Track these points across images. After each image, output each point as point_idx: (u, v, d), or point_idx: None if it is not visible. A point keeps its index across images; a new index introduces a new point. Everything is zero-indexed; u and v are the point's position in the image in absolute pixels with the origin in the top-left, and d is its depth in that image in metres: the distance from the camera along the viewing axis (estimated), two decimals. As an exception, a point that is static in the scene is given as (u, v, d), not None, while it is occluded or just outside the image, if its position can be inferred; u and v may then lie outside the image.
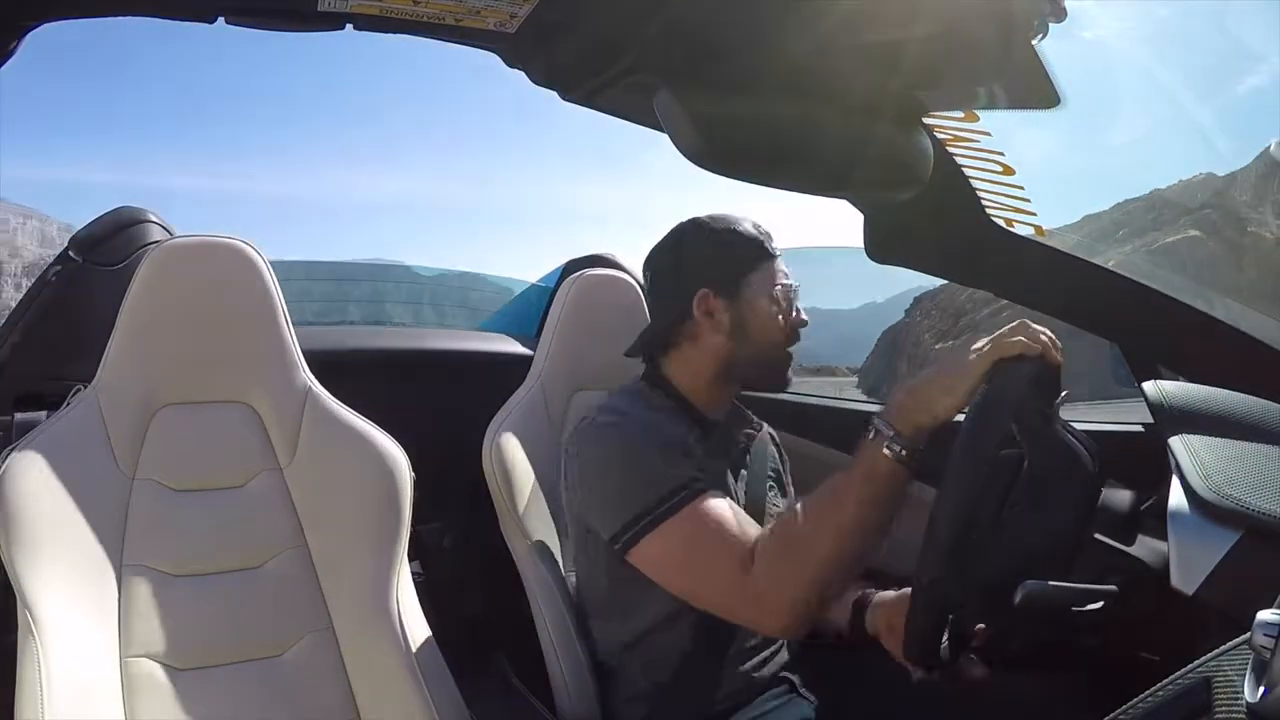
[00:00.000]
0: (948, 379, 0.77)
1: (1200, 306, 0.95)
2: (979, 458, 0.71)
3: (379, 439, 1.05)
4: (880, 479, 0.79)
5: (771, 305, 0.99)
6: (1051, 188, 1.01)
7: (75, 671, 0.83)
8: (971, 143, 0.93)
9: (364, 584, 1.00)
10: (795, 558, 0.81)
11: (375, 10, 0.65)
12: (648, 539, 0.87)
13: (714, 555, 0.85)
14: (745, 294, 0.99)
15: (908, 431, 0.78)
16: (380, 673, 0.98)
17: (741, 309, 0.99)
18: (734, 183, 0.80)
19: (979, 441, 0.71)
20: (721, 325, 0.99)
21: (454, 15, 0.66)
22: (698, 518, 0.86)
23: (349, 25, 0.67)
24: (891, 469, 0.78)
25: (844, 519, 0.80)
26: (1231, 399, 0.78)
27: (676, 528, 0.86)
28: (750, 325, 0.99)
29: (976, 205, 1.01)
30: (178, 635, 0.93)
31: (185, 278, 1.01)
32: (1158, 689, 0.50)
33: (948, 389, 0.77)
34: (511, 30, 0.69)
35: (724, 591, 0.85)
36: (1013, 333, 0.75)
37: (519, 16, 0.66)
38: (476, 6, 0.65)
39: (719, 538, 0.85)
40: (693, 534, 0.86)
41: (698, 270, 1.00)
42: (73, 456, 0.92)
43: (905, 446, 0.78)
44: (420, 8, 0.65)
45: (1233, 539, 0.66)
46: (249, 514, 1.01)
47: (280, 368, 1.06)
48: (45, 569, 0.85)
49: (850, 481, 0.81)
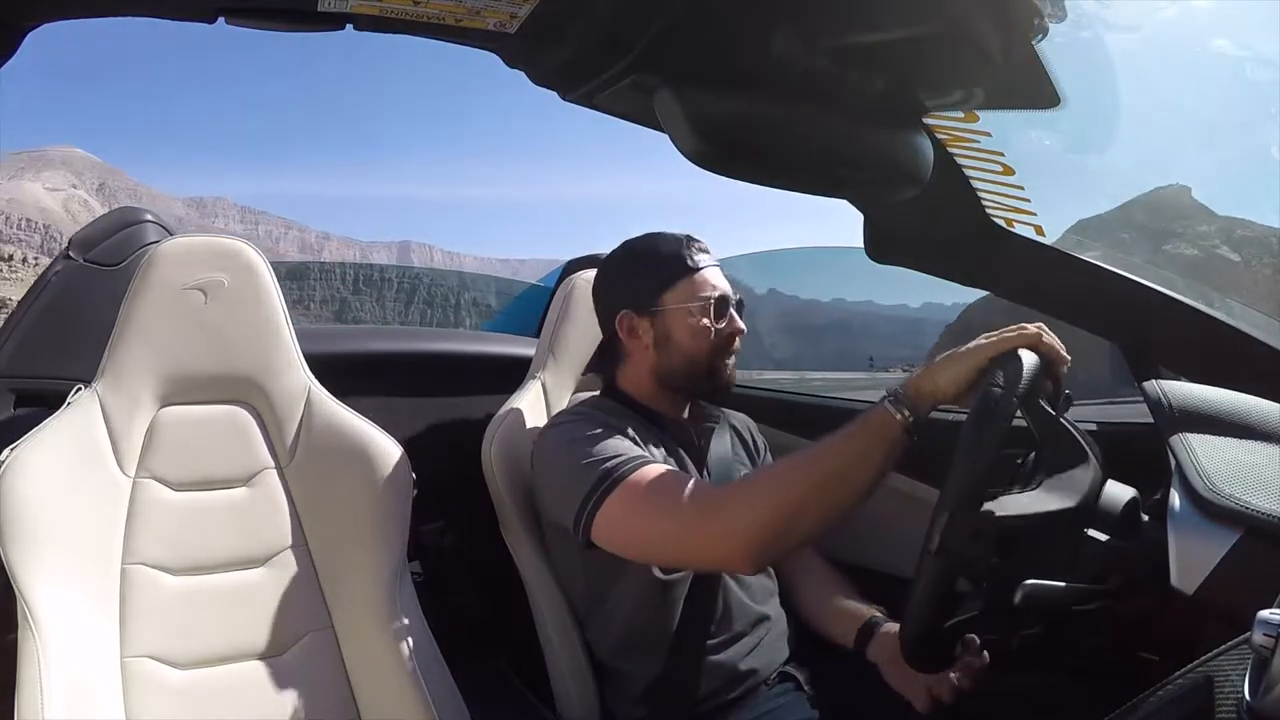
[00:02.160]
0: (954, 358, 0.81)
1: (1200, 306, 0.95)
2: (985, 441, 0.73)
3: (379, 439, 1.05)
4: (872, 428, 0.81)
5: (691, 319, 1.02)
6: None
7: (75, 671, 0.83)
8: (971, 143, 0.93)
9: (364, 584, 1.00)
10: (762, 488, 0.84)
11: (375, 10, 0.65)
12: (601, 512, 0.90)
13: (663, 504, 0.87)
14: (664, 310, 1.03)
15: (909, 393, 0.81)
16: (380, 673, 0.98)
17: (662, 325, 1.04)
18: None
19: (985, 426, 0.73)
20: (645, 342, 1.04)
21: (454, 15, 0.66)
22: (644, 479, 0.89)
23: (349, 25, 0.67)
24: (884, 419, 0.81)
25: (825, 460, 0.82)
26: (1231, 399, 0.78)
27: (624, 494, 0.89)
28: (672, 339, 1.03)
29: (976, 205, 1.01)
30: (178, 635, 0.93)
31: (185, 278, 1.01)
32: (1158, 689, 0.50)
33: (952, 365, 0.80)
34: (511, 30, 0.68)
35: (675, 529, 0.87)
36: (1018, 328, 0.79)
37: (519, 16, 0.66)
38: (476, 6, 0.65)
39: (668, 487, 0.88)
40: (641, 492, 0.88)
41: (618, 292, 1.07)
42: (73, 456, 0.92)
43: (904, 404, 0.81)
44: (420, 8, 0.65)
45: (1233, 539, 0.66)
46: (249, 514, 1.01)
47: (280, 367, 1.06)
48: (45, 568, 0.85)
49: (847, 429, 0.83)
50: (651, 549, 0.91)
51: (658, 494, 0.88)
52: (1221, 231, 14.48)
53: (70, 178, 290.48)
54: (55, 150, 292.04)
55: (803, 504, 0.81)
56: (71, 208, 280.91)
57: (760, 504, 0.82)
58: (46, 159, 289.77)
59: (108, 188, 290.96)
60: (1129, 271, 0.99)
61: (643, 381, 1.07)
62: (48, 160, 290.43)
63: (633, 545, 0.91)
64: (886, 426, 0.81)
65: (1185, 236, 14.60)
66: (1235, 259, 13.97)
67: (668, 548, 0.90)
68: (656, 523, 0.88)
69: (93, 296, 1.06)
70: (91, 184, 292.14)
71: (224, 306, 1.03)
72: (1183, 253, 13.85)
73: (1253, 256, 14.13)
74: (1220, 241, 14.36)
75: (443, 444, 1.34)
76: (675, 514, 0.86)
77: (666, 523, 0.87)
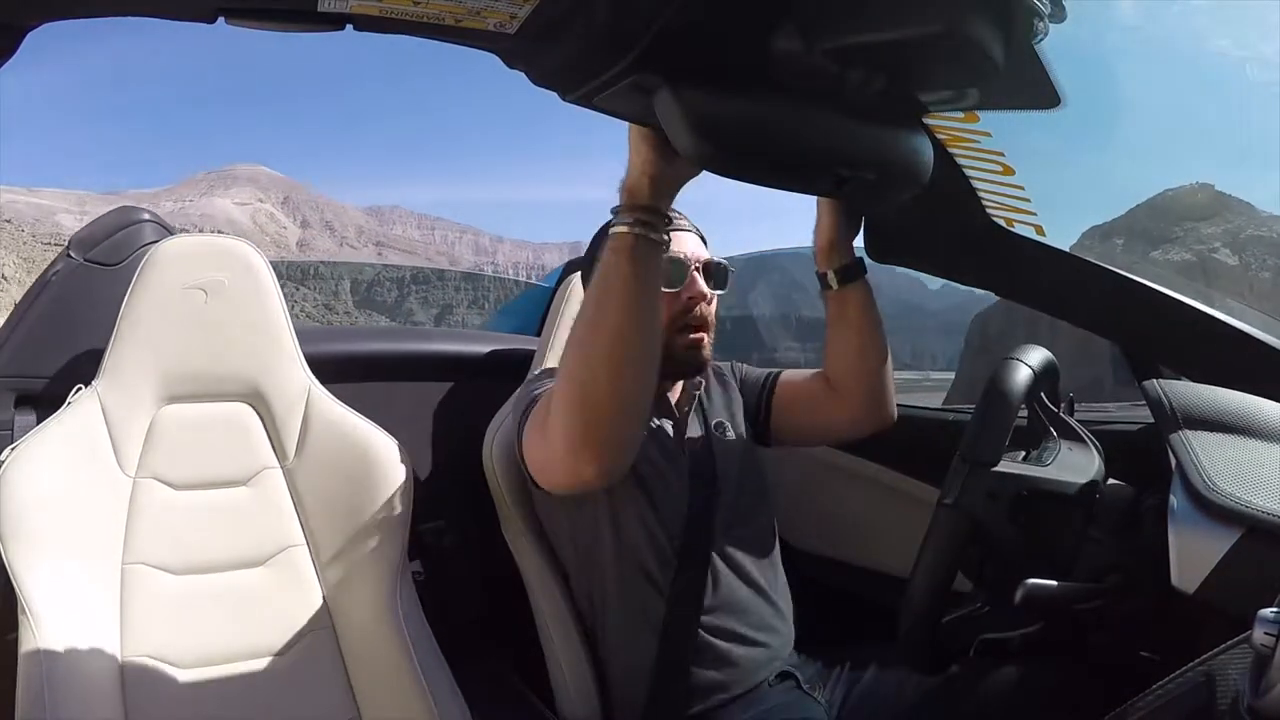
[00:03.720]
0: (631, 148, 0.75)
1: (1200, 306, 0.95)
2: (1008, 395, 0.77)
3: (380, 438, 1.05)
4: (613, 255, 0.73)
5: None
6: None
7: (76, 670, 0.83)
8: (971, 143, 0.93)
9: (364, 583, 1.01)
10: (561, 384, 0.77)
11: (375, 10, 0.65)
12: (523, 440, 0.90)
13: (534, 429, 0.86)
14: None
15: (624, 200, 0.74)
16: (380, 672, 0.98)
17: None
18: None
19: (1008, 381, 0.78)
20: None
21: (454, 16, 0.66)
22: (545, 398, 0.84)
23: (349, 25, 0.67)
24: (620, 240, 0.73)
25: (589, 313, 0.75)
26: (1231, 399, 0.78)
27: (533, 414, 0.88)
28: None
29: (976, 205, 1.01)
30: (178, 634, 0.93)
31: (185, 277, 1.01)
32: (1158, 689, 0.50)
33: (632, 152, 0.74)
34: (511, 30, 0.68)
35: (539, 451, 0.85)
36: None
37: (519, 17, 0.66)
38: (476, 7, 0.65)
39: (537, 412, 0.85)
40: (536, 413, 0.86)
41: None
42: (73, 456, 0.92)
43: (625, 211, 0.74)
44: (420, 8, 0.65)
45: (1233, 538, 0.66)
46: (250, 513, 1.01)
47: (281, 367, 1.06)
48: (46, 568, 0.85)
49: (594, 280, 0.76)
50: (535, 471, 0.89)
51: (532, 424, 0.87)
52: (1227, 234, 14.39)
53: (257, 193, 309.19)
54: (243, 168, 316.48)
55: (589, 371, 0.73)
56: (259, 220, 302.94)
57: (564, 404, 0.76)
58: (234, 176, 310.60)
59: (291, 200, 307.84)
60: (1129, 271, 0.99)
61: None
62: (235, 177, 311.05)
63: (532, 470, 0.90)
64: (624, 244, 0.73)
65: (1183, 241, 14.52)
66: (1233, 262, 13.89)
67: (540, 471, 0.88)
68: (534, 452, 0.88)
69: (93, 296, 1.06)
70: (276, 198, 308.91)
71: (224, 306, 1.03)
72: (1171, 258, 13.78)
73: (1253, 259, 14.06)
74: (1221, 244, 14.28)
75: (443, 444, 1.34)
76: (540, 444, 0.85)
77: (536, 453, 0.88)
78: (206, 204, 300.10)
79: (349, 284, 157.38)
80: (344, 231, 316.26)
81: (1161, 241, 14.43)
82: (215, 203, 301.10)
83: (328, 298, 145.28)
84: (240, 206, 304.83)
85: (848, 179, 0.76)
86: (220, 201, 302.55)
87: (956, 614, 0.79)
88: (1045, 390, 0.88)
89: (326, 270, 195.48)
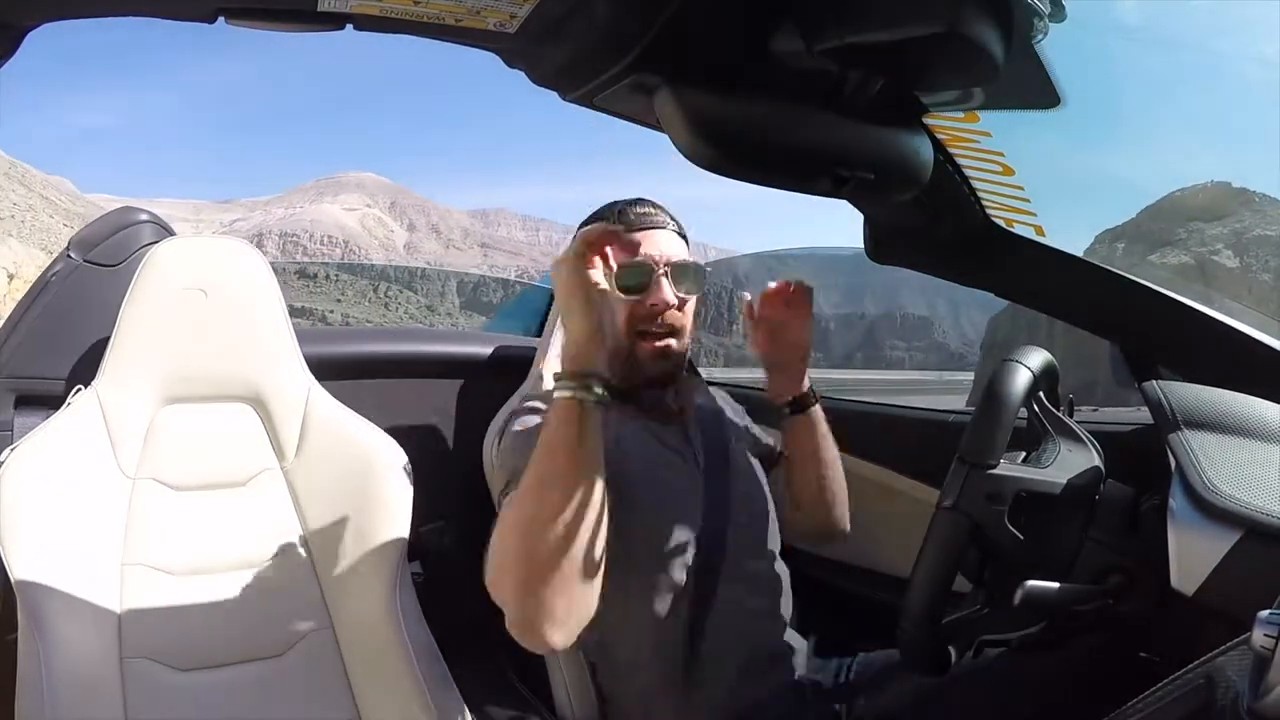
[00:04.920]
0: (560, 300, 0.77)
1: (1200, 307, 0.95)
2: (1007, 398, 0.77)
3: (379, 439, 1.05)
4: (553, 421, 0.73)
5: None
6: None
7: (75, 671, 0.83)
8: (971, 143, 0.93)
9: (364, 584, 1.00)
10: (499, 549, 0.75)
11: (375, 10, 0.65)
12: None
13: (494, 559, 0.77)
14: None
15: (565, 366, 0.76)
16: (380, 673, 0.98)
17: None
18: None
19: (1007, 384, 0.77)
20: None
21: (454, 15, 0.66)
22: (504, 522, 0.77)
23: (349, 25, 0.67)
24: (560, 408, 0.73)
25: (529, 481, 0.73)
26: (1231, 399, 0.78)
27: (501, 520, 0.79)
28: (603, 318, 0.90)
29: (976, 205, 1.01)
30: (178, 635, 0.93)
31: (185, 277, 1.01)
32: (1158, 689, 0.50)
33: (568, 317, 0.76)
34: (511, 30, 0.68)
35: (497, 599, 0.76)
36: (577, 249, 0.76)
37: (519, 16, 0.66)
38: (476, 6, 0.65)
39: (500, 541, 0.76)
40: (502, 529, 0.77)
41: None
42: (73, 456, 0.92)
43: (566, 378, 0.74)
44: (420, 8, 0.65)
45: (1233, 539, 0.66)
46: (249, 514, 1.01)
47: (281, 367, 1.06)
48: (45, 569, 0.85)
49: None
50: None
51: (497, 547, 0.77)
52: (1233, 234, 14.30)
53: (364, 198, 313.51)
54: (350, 175, 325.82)
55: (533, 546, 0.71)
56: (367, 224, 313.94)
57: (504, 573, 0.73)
58: (342, 183, 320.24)
59: (398, 205, 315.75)
60: (1129, 272, 0.99)
61: (611, 363, 0.93)
62: (343, 184, 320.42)
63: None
64: (564, 410, 0.73)
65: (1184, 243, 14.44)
66: (1233, 265, 13.81)
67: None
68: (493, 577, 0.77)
69: (93, 297, 1.06)
70: (384, 203, 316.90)
71: (224, 306, 1.03)
72: (1168, 261, 13.71)
73: (1255, 260, 13.99)
74: (1224, 245, 14.21)
75: (443, 444, 1.34)
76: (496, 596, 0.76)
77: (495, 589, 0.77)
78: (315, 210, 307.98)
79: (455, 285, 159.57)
80: (450, 234, 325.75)
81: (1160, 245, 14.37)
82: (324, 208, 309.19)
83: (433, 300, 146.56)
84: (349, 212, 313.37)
85: (847, 179, 0.76)
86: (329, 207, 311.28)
87: (956, 615, 0.79)
88: (1045, 391, 0.88)
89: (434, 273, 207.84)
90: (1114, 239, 14.25)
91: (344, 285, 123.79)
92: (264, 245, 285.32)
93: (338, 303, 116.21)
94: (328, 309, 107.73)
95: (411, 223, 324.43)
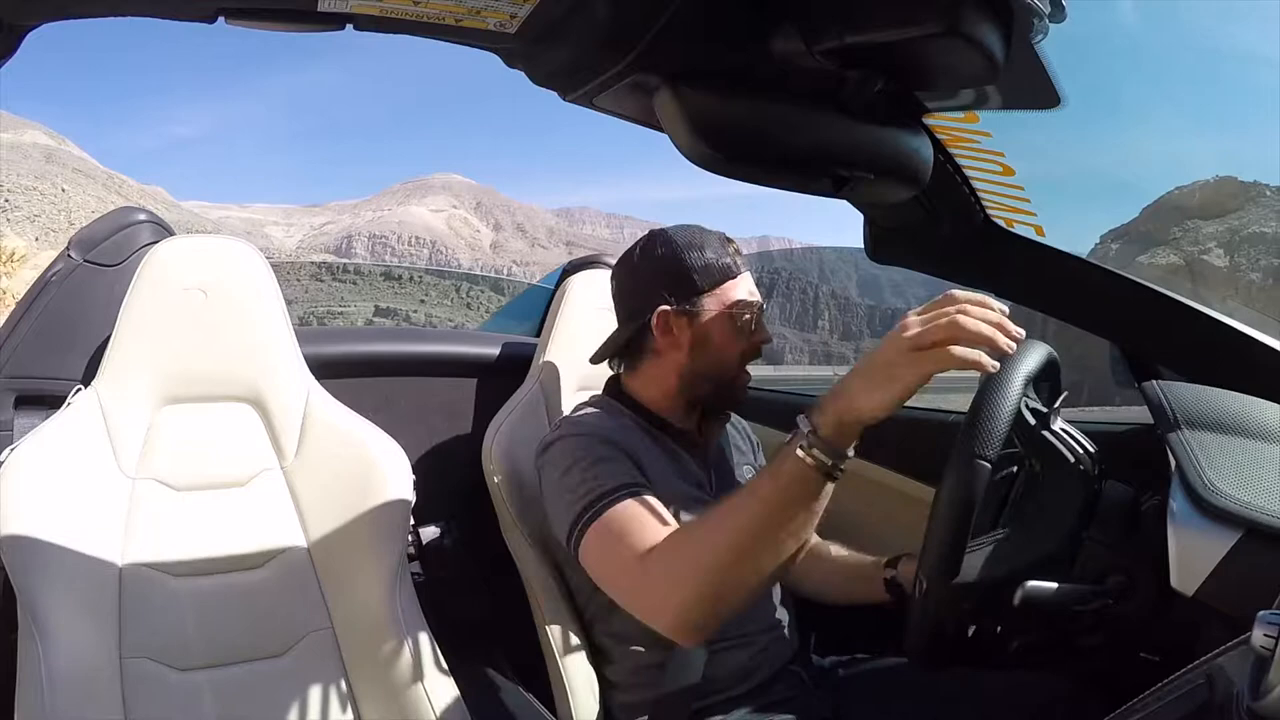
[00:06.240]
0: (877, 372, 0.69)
1: (1200, 307, 0.95)
2: (978, 460, 0.70)
3: (379, 439, 1.05)
4: (787, 480, 0.73)
5: (729, 323, 0.98)
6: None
7: (75, 671, 0.83)
8: (971, 143, 0.93)
9: (364, 584, 1.00)
10: (687, 555, 0.78)
11: (375, 10, 0.65)
12: (584, 543, 0.88)
13: (623, 554, 0.84)
14: (704, 312, 0.98)
15: (827, 431, 0.71)
16: (380, 673, 0.98)
17: (699, 327, 0.98)
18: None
19: (977, 445, 0.70)
20: (679, 342, 0.99)
21: (454, 15, 0.66)
22: (621, 519, 0.86)
23: (349, 25, 0.67)
24: (800, 471, 0.72)
25: (744, 520, 0.75)
26: (1231, 399, 0.78)
27: (602, 529, 0.86)
28: (707, 343, 0.98)
29: (976, 205, 1.01)
30: (178, 636, 0.93)
31: (185, 277, 1.01)
32: (1158, 689, 0.50)
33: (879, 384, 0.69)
34: (511, 30, 0.68)
35: (626, 589, 0.85)
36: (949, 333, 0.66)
37: (519, 17, 0.66)
38: (476, 6, 0.65)
39: (631, 536, 0.84)
40: (613, 535, 0.85)
41: (658, 286, 0.99)
42: (73, 456, 0.92)
43: (821, 448, 0.71)
44: (420, 8, 0.65)
45: (1233, 539, 0.66)
46: (249, 514, 1.01)
47: (281, 367, 1.06)
48: (45, 569, 0.85)
49: (759, 480, 0.77)
50: (612, 594, 0.90)
51: (620, 542, 0.85)
52: (1228, 231, 14.27)
53: (450, 200, 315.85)
54: (436, 178, 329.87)
55: (727, 572, 0.76)
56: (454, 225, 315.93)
57: (685, 578, 0.77)
58: (429, 185, 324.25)
59: (484, 205, 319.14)
60: (1129, 272, 0.99)
61: (660, 384, 1.02)
62: (430, 186, 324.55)
63: (603, 584, 0.90)
64: (804, 477, 0.72)
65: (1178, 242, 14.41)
66: (1221, 264, 13.77)
67: (619, 598, 0.88)
68: (614, 572, 0.87)
69: (92, 296, 1.06)
70: (470, 203, 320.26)
71: (224, 306, 1.03)
72: (1157, 262, 13.68)
73: (1245, 259, 13.96)
74: (1216, 244, 14.19)
75: (443, 444, 1.34)
76: (625, 570, 0.84)
77: (618, 580, 0.87)
78: (403, 212, 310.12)
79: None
80: (535, 233, 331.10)
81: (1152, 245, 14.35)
82: (411, 210, 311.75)
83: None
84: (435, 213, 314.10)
85: (847, 179, 0.76)
86: (416, 209, 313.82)
87: (979, 546, 0.76)
88: (1046, 386, 0.87)
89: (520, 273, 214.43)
90: (1112, 239, 14.25)
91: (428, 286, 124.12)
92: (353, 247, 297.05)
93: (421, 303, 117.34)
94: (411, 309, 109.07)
95: (497, 222, 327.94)
